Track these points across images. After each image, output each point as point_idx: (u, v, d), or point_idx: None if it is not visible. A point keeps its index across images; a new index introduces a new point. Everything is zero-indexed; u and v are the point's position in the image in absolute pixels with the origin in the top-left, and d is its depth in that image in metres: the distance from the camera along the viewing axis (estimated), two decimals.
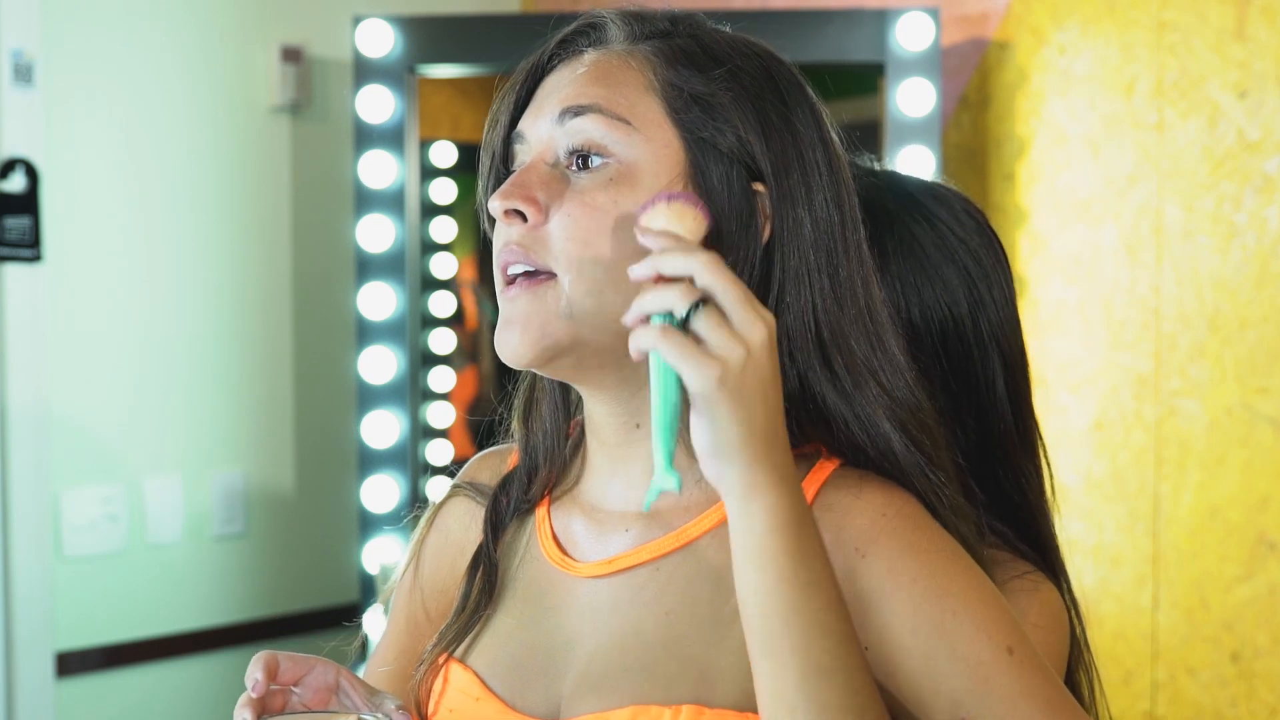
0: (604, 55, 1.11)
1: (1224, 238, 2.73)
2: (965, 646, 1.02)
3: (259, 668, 1.08)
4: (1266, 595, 2.68)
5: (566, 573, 1.15)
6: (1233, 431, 2.72)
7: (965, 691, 1.02)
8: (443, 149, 3.22)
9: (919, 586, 1.03)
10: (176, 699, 3.08)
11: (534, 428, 1.21)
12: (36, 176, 2.82)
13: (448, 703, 1.16)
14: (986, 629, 1.03)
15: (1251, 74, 2.69)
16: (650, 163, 1.08)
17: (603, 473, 1.16)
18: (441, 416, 3.19)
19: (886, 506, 1.07)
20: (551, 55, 1.14)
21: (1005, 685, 1.02)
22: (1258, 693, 2.69)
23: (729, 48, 1.13)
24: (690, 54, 1.11)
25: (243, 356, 3.18)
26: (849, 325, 1.10)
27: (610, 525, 1.15)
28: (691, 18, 1.15)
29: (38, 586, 2.84)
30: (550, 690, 1.12)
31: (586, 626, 1.13)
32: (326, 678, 1.12)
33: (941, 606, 1.03)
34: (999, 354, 1.36)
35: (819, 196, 1.10)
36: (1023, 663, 1.03)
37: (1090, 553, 2.91)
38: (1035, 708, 1.02)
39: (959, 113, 3.11)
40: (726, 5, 3.36)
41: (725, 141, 1.08)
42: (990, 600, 1.05)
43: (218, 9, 3.13)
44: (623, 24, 1.13)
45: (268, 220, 3.22)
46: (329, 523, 3.28)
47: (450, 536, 1.27)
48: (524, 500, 1.22)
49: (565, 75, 1.11)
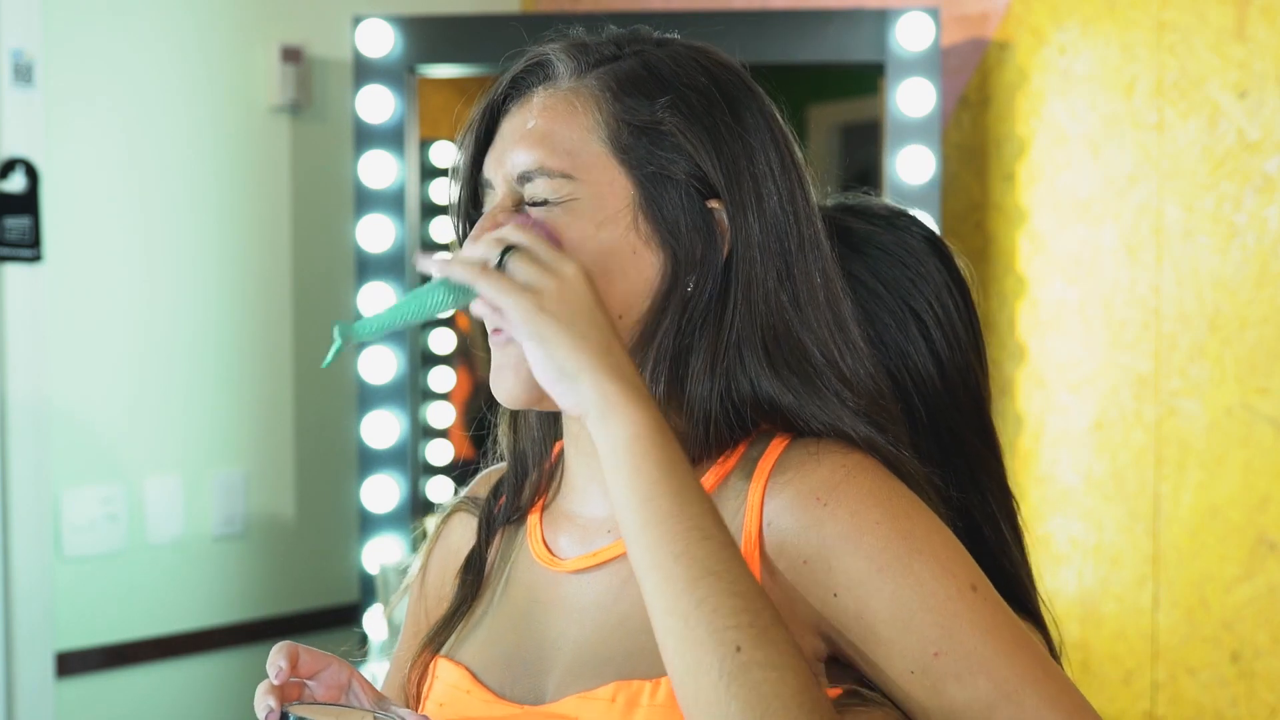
0: (551, 96, 1.15)
1: (1224, 238, 2.73)
2: (932, 584, 1.05)
3: (282, 656, 1.11)
4: (1266, 595, 2.68)
5: (555, 571, 1.19)
6: (1233, 431, 2.72)
7: (934, 627, 1.04)
8: (443, 149, 3.22)
9: (883, 529, 1.06)
10: (176, 699, 3.08)
11: (522, 434, 1.25)
12: (36, 176, 2.82)
13: (436, 697, 1.20)
14: (950, 568, 1.06)
15: (1251, 74, 2.69)
16: (594, 199, 1.12)
17: (581, 478, 1.19)
18: (441, 416, 3.19)
19: (845, 459, 1.10)
20: (505, 95, 1.18)
21: (972, 621, 1.05)
22: (1258, 693, 2.69)
23: (675, 65, 1.15)
24: (636, 80, 1.14)
25: (243, 356, 3.18)
26: (809, 322, 1.14)
27: (593, 530, 1.18)
28: (637, 37, 1.18)
29: (38, 586, 2.84)
30: (538, 681, 1.15)
31: (574, 621, 1.16)
32: (340, 676, 1.15)
33: (907, 546, 1.06)
34: (965, 398, 1.34)
35: (771, 200, 1.14)
36: (986, 600, 1.06)
37: (1090, 553, 2.91)
38: (1002, 641, 1.05)
39: (959, 113, 3.11)
40: (727, 5, 3.36)
41: (676, 169, 1.12)
42: (951, 543, 1.08)
43: (218, 9, 3.13)
44: (568, 59, 1.16)
45: (268, 220, 3.22)
46: (329, 523, 3.28)
47: (452, 549, 1.30)
48: (516, 505, 1.25)
49: (518, 122, 1.15)
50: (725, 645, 0.99)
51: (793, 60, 2.91)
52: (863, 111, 3.19)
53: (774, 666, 0.99)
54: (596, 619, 1.14)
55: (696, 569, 1.00)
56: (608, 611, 1.14)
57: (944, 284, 1.32)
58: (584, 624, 1.15)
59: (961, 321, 1.33)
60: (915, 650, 1.05)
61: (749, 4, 3.34)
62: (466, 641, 1.22)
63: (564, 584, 1.18)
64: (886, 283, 1.30)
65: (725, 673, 0.98)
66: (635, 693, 1.07)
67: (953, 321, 1.32)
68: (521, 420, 1.25)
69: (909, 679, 1.05)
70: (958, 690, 1.04)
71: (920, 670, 1.05)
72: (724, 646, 0.99)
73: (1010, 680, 1.04)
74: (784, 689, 0.98)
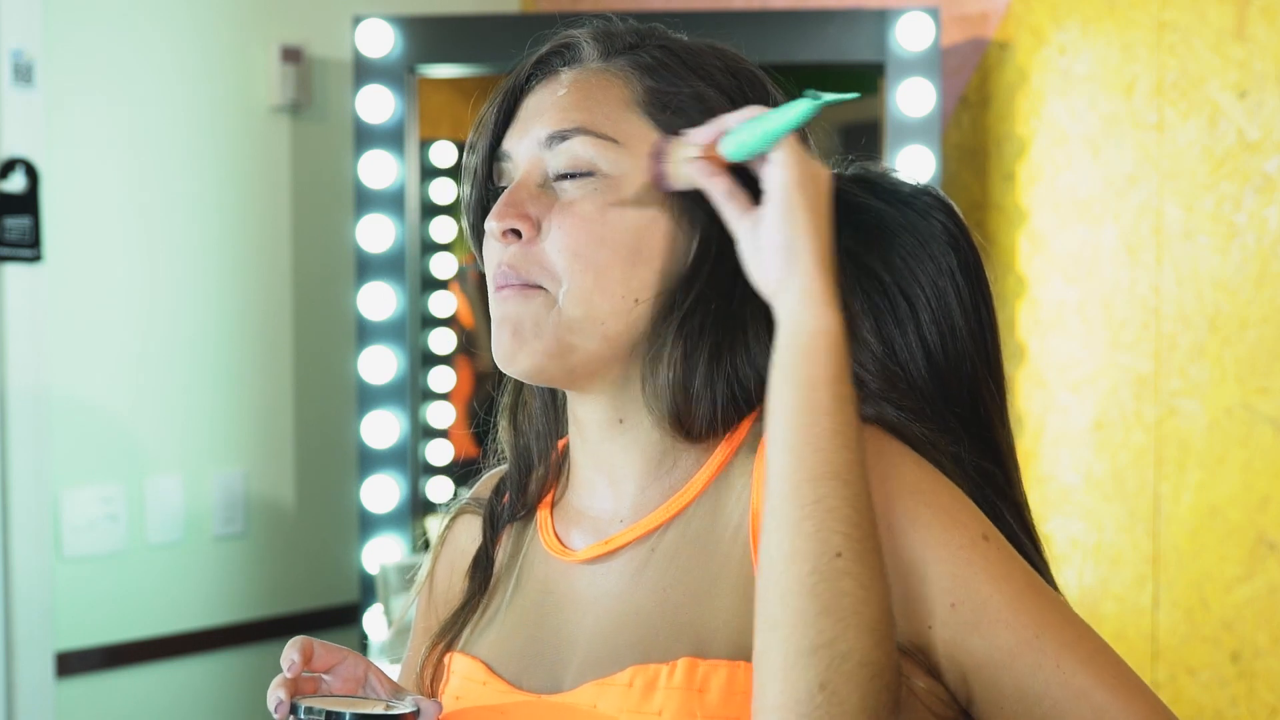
0: (581, 73, 1.15)
1: (1224, 238, 2.73)
2: (942, 534, 1.06)
3: (295, 650, 1.12)
4: (1266, 595, 2.68)
5: (568, 562, 1.18)
6: (1233, 431, 2.72)
7: (950, 577, 1.05)
8: (443, 149, 3.22)
9: (889, 485, 1.07)
10: (176, 699, 3.08)
11: (523, 428, 1.25)
12: (36, 176, 2.82)
13: (453, 690, 1.19)
14: (960, 519, 1.07)
15: (1251, 74, 2.69)
16: (636, 175, 1.12)
17: (587, 471, 1.19)
18: (441, 416, 3.19)
19: None
20: (529, 76, 1.18)
21: (986, 569, 1.05)
22: (1258, 693, 2.69)
23: (696, 54, 1.17)
24: (663, 63, 1.15)
25: (243, 356, 3.18)
26: None
27: (604, 523, 1.18)
28: (655, 31, 1.19)
29: (38, 586, 2.84)
30: (555, 671, 1.15)
31: (589, 611, 1.16)
32: (356, 670, 1.15)
33: (916, 501, 1.07)
34: (958, 389, 1.31)
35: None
36: (999, 548, 1.07)
37: (1090, 553, 2.91)
38: (1017, 588, 1.05)
39: (959, 113, 3.11)
40: (727, 5, 3.36)
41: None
42: (957, 494, 1.09)
43: (218, 9, 3.13)
44: (595, 43, 1.17)
45: (268, 220, 3.22)
46: (329, 523, 3.28)
47: (459, 551, 1.30)
48: (522, 502, 1.25)
49: (545, 97, 1.15)
50: (828, 546, 1.00)
51: (793, 60, 2.91)
52: (863, 111, 3.19)
53: (864, 585, 0.99)
54: (611, 608, 1.14)
55: (826, 468, 1.01)
56: (623, 600, 1.14)
57: (947, 271, 1.29)
58: (599, 613, 1.15)
59: (962, 312, 1.30)
60: (932, 603, 1.05)
61: (749, 4, 3.34)
62: (481, 636, 1.21)
63: (577, 575, 1.18)
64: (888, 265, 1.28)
65: (818, 570, 0.99)
66: (652, 676, 1.07)
67: (948, 310, 1.28)
68: (523, 416, 1.24)
69: (928, 634, 1.05)
70: (978, 641, 1.04)
71: (939, 623, 1.05)
72: (827, 546, 1.00)
73: (1029, 627, 1.04)
74: (865, 609, 0.99)
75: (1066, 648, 1.04)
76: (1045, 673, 1.04)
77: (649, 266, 1.12)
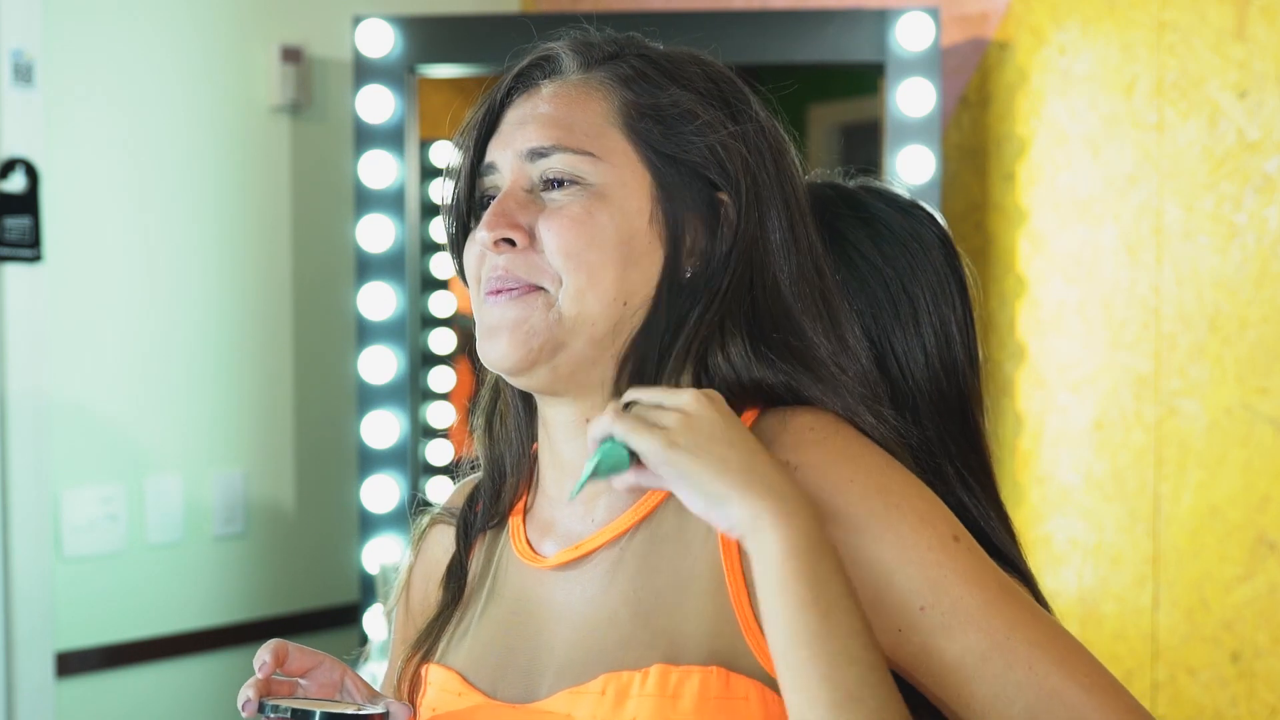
0: (561, 86, 1.16)
1: (1224, 238, 2.73)
2: (912, 537, 1.05)
3: (268, 652, 1.13)
4: (1266, 595, 2.68)
5: (540, 569, 1.18)
6: (1233, 431, 2.72)
7: (920, 581, 1.04)
8: (443, 149, 3.22)
9: (856, 487, 1.06)
10: (176, 699, 3.08)
11: (499, 439, 1.25)
12: (36, 176, 2.82)
13: (429, 702, 1.20)
14: (929, 520, 1.06)
15: (1251, 74, 2.69)
16: (619, 186, 1.13)
17: (556, 474, 1.20)
18: (441, 416, 3.19)
19: (814, 423, 1.11)
20: (510, 90, 1.19)
21: (957, 572, 1.04)
22: (1258, 693, 2.69)
23: (675, 62, 1.18)
24: (642, 72, 1.16)
25: (243, 356, 3.18)
26: (803, 318, 1.15)
27: (574, 528, 1.18)
28: (633, 40, 1.20)
29: (38, 586, 2.84)
30: (531, 680, 1.15)
31: (563, 619, 1.16)
32: (332, 675, 1.16)
33: (884, 502, 1.06)
34: (953, 395, 1.33)
35: (772, 202, 1.15)
36: (970, 550, 1.06)
37: (1090, 553, 2.91)
38: (988, 591, 1.04)
39: (959, 113, 3.11)
40: (727, 5, 3.36)
41: (687, 154, 1.14)
42: (927, 495, 1.08)
43: (218, 9, 3.13)
44: (574, 54, 1.18)
45: (268, 220, 3.22)
46: (329, 523, 3.28)
47: (432, 561, 1.30)
48: (494, 510, 1.25)
49: (526, 109, 1.16)
50: None
51: (793, 60, 2.91)
52: (863, 111, 3.19)
53: None
54: (584, 614, 1.14)
55: (840, 694, 0.99)
56: (595, 605, 1.14)
57: (945, 281, 1.33)
58: (572, 620, 1.15)
59: (957, 322, 1.33)
60: (901, 606, 1.04)
61: (749, 4, 3.34)
62: (456, 646, 1.21)
63: (550, 582, 1.17)
64: (890, 261, 1.31)
65: None
66: (625, 684, 1.07)
67: (945, 319, 1.32)
68: (499, 426, 1.25)
69: (898, 638, 1.05)
70: (948, 644, 1.04)
71: (908, 627, 1.04)
72: None
73: (1000, 629, 1.04)
74: None
75: (1039, 648, 1.04)
76: (1018, 674, 1.03)
77: (637, 268, 1.13)
